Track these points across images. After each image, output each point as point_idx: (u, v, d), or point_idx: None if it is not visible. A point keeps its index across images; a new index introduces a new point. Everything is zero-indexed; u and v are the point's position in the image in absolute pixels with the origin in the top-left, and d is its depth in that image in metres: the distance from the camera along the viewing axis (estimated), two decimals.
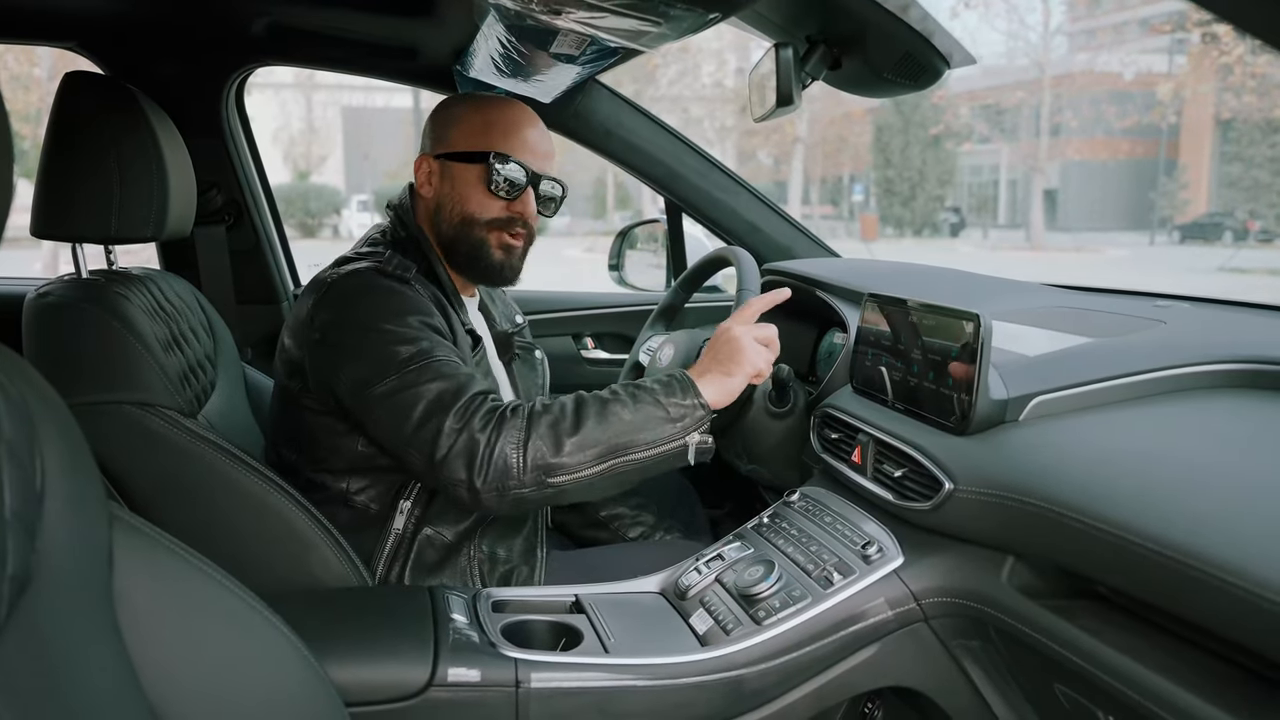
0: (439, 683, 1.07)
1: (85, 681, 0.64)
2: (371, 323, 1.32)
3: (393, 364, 1.29)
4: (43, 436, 0.65)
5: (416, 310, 1.36)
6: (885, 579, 1.17)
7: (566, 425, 1.27)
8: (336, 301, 1.37)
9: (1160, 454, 1.01)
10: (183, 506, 1.32)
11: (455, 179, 1.48)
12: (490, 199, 1.48)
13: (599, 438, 1.27)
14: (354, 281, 1.38)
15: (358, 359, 1.32)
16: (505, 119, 1.49)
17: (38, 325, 1.32)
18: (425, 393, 1.28)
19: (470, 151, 1.47)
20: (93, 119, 1.34)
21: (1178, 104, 25.09)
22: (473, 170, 1.47)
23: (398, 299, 1.36)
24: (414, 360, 1.30)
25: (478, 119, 1.49)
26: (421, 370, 1.29)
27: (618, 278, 2.47)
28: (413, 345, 1.31)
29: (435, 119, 1.54)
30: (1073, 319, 1.43)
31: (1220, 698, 0.81)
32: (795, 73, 1.36)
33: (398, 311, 1.34)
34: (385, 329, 1.32)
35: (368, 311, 1.34)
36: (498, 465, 1.24)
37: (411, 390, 1.28)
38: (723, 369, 1.36)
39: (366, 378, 1.31)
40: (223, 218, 2.12)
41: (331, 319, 1.36)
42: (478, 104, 1.53)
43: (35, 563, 0.61)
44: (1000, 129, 28.78)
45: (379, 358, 1.30)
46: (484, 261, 1.50)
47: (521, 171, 1.47)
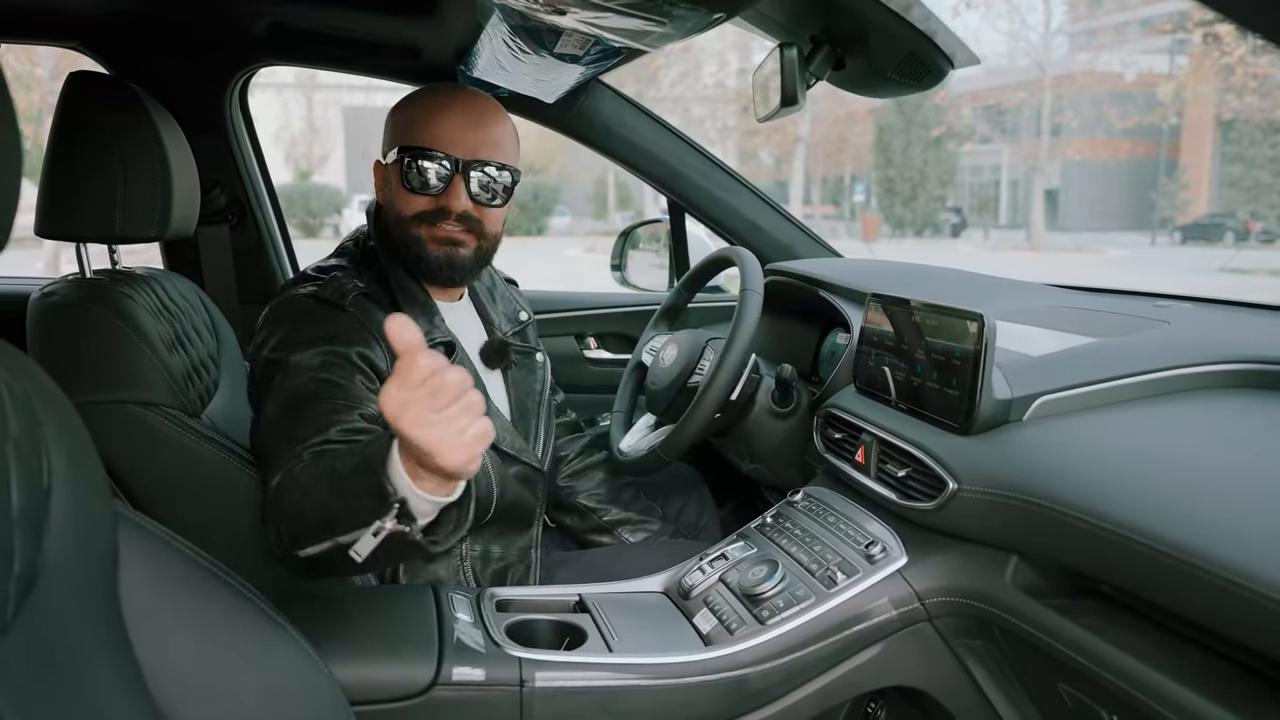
0: (443, 682, 1.07)
1: (91, 679, 0.64)
2: (278, 350, 1.31)
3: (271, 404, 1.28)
4: (49, 435, 0.65)
5: (325, 340, 1.30)
6: (889, 579, 1.17)
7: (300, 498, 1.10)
8: (269, 325, 1.37)
9: (1164, 454, 1.01)
10: (186, 506, 1.32)
11: (389, 181, 1.45)
12: (412, 195, 1.41)
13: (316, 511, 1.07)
14: (283, 309, 1.38)
15: (262, 370, 1.33)
16: (426, 109, 1.43)
17: (42, 324, 1.32)
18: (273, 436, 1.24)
19: (391, 151, 1.43)
20: (97, 118, 1.34)
21: (1179, 104, 25.08)
22: (395, 169, 1.42)
23: (318, 327, 1.32)
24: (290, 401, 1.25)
25: (402, 115, 1.45)
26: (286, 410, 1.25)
27: (620, 278, 2.47)
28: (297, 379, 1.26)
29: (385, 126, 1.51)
30: (1076, 319, 1.43)
31: (1223, 697, 0.81)
32: (799, 73, 1.36)
33: (306, 340, 1.30)
34: (290, 357, 1.29)
35: (281, 338, 1.33)
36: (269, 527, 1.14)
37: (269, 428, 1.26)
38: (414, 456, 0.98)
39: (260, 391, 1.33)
40: (226, 217, 2.12)
41: (258, 343, 1.37)
42: (409, 102, 1.47)
43: (42, 561, 0.61)
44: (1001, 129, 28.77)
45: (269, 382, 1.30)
46: (424, 260, 1.43)
47: (438, 160, 1.39)
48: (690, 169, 2.16)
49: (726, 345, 1.50)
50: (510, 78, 1.75)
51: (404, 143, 1.41)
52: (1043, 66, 25.09)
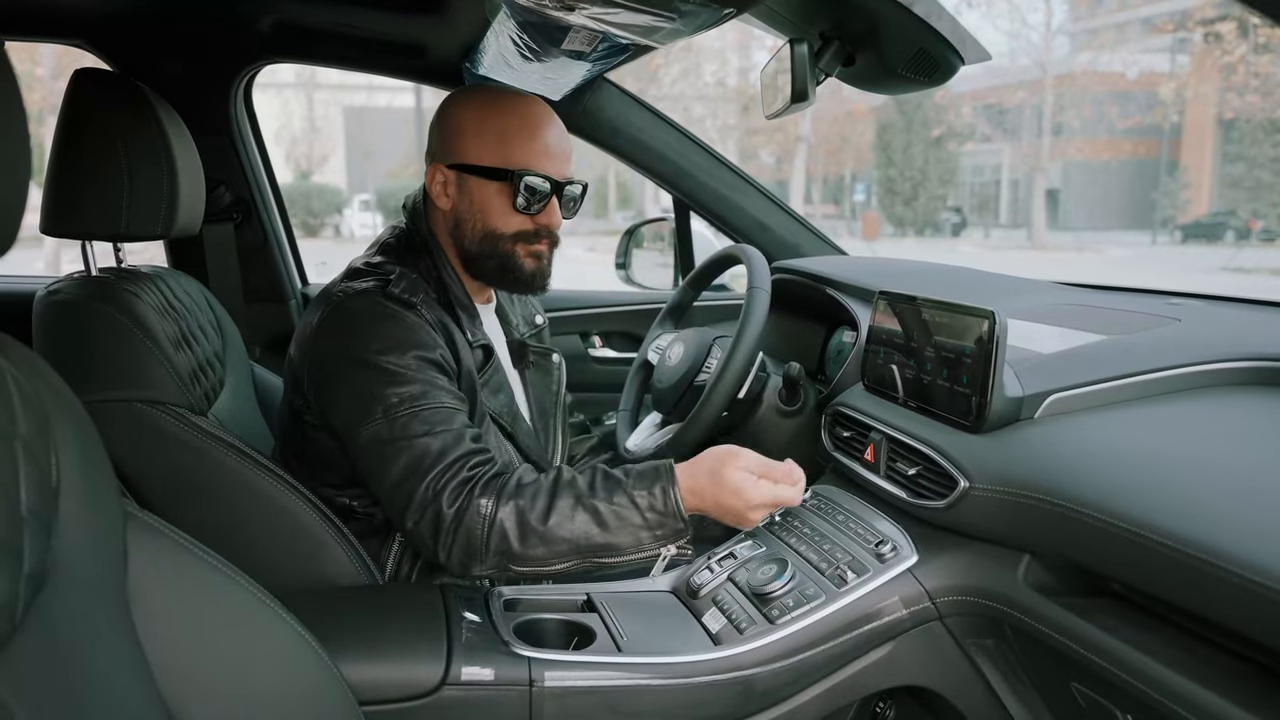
0: (452, 681, 1.07)
1: (101, 679, 0.64)
2: (368, 357, 1.29)
3: (380, 406, 1.27)
4: (58, 434, 0.64)
5: (416, 344, 1.31)
6: (899, 578, 1.16)
7: (535, 516, 1.22)
8: (338, 326, 1.34)
9: (1177, 452, 1.01)
10: (193, 505, 1.32)
11: (474, 194, 1.42)
12: (514, 214, 1.42)
13: (565, 536, 1.23)
14: (357, 305, 1.34)
15: (350, 395, 1.30)
16: (522, 127, 1.41)
17: (48, 323, 1.31)
18: (406, 449, 1.25)
19: (489, 167, 1.40)
20: (102, 116, 1.33)
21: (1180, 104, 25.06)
22: (492, 185, 1.41)
23: (399, 329, 1.31)
24: (403, 406, 1.27)
25: (491, 128, 1.41)
26: (409, 420, 1.26)
27: (625, 276, 2.47)
28: (404, 387, 1.27)
29: (442, 123, 1.46)
30: (1086, 317, 1.43)
31: (1238, 695, 0.80)
32: (810, 69, 1.35)
33: (397, 344, 1.30)
34: (380, 365, 1.28)
35: (366, 342, 1.30)
36: (461, 544, 1.23)
37: (394, 444, 1.26)
38: (718, 505, 1.27)
39: (355, 416, 1.29)
40: (231, 216, 2.11)
41: (331, 346, 1.33)
42: (487, 108, 1.43)
43: (51, 560, 0.60)
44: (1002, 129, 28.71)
45: (369, 397, 1.28)
46: (515, 273, 1.46)
47: (545, 183, 1.41)
48: (696, 167, 2.15)
49: (733, 343, 1.50)
50: (516, 75, 1.74)
51: (506, 162, 1.40)
52: (1044, 66, 25.07)
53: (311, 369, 1.36)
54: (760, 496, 1.25)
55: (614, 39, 1.39)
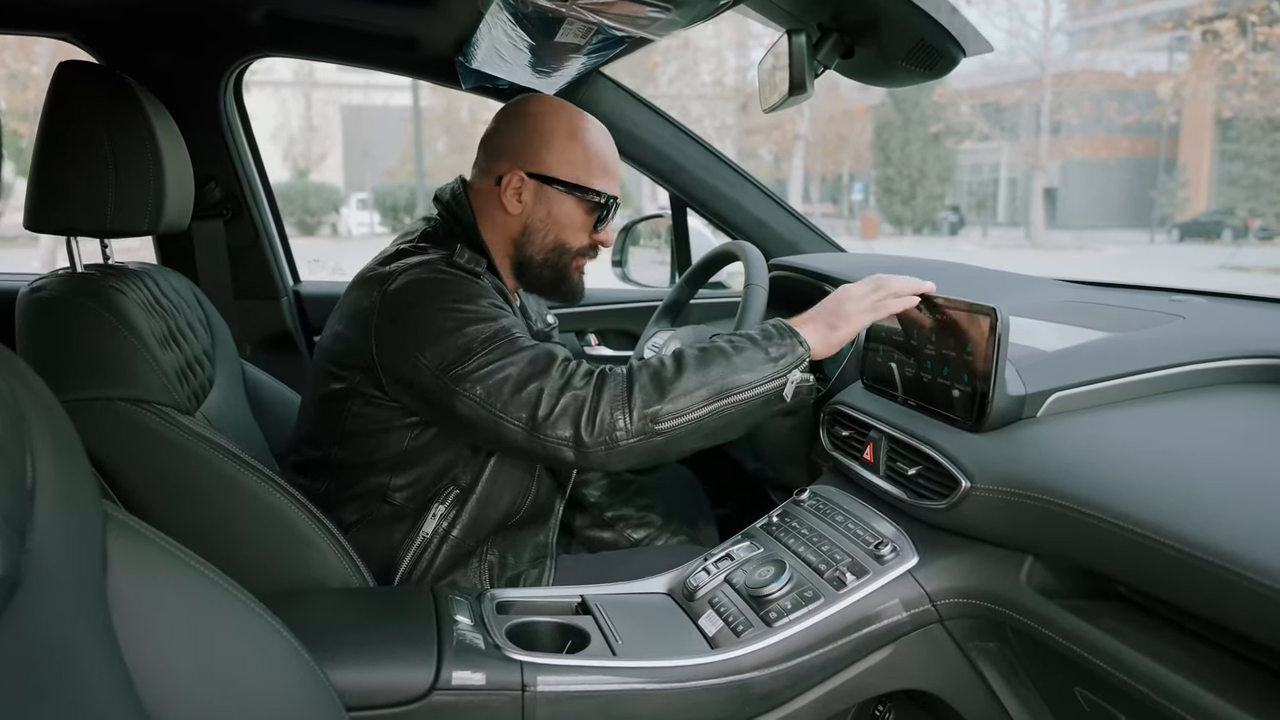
0: (443, 686, 1.05)
1: (78, 685, 0.62)
2: (449, 306, 1.30)
3: (476, 342, 1.27)
4: (34, 433, 0.63)
5: (490, 297, 1.34)
6: (899, 579, 1.14)
7: (669, 374, 1.26)
8: (408, 293, 1.33)
9: (1181, 450, 0.99)
10: (179, 505, 1.30)
11: (553, 205, 1.46)
12: (584, 232, 1.49)
13: (702, 380, 1.26)
14: (424, 273, 1.34)
15: (439, 341, 1.28)
16: (605, 151, 1.48)
17: (31, 320, 1.29)
18: (517, 361, 1.27)
19: (577, 185, 1.45)
20: (87, 109, 1.31)
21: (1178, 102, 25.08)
22: (573, 202, 1.46)
23: (471, 286, 1.33)
24: (498, 338, 1.28)
25: (579, 148, 1.46)
26: (508, 345, 1.28)
27: (621, 274, 2.45)
28: (493, 324, 1.29)
29: (518, 126, 1.47)
30: (1089, 314, 1.41)
31: (1245, 699, 0.79)
32: (808, 60, 1.33)
33: (473, 295, 1.32)
34: (464, 309, 1.29)
35: (442, 297, 1.31)
36: (604, 418, 1.24)
37: (501, 362, 1.26)
38: (827, 321, 1.34)
39: (451, 359, 1.27)
40: (221, 211, 2.10)
41: (407, 304, 1.32)
42: (576, 124, 1.47)
43: (26, 563, 0.59)
44: (1001, 127, 28.75)
45: (461, 338, 1.28)
46: (566, 285, 1.52)
47: (614, 208, 1.50)
48: (694, 163, 2.14)
49: None
50: (510, 69, 1.73)
51: (600, 187, 1.47)
52: (1042, 64, 25.11)
53: (383, 335, 1.33)
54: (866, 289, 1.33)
55: (608, 31, 1.38)
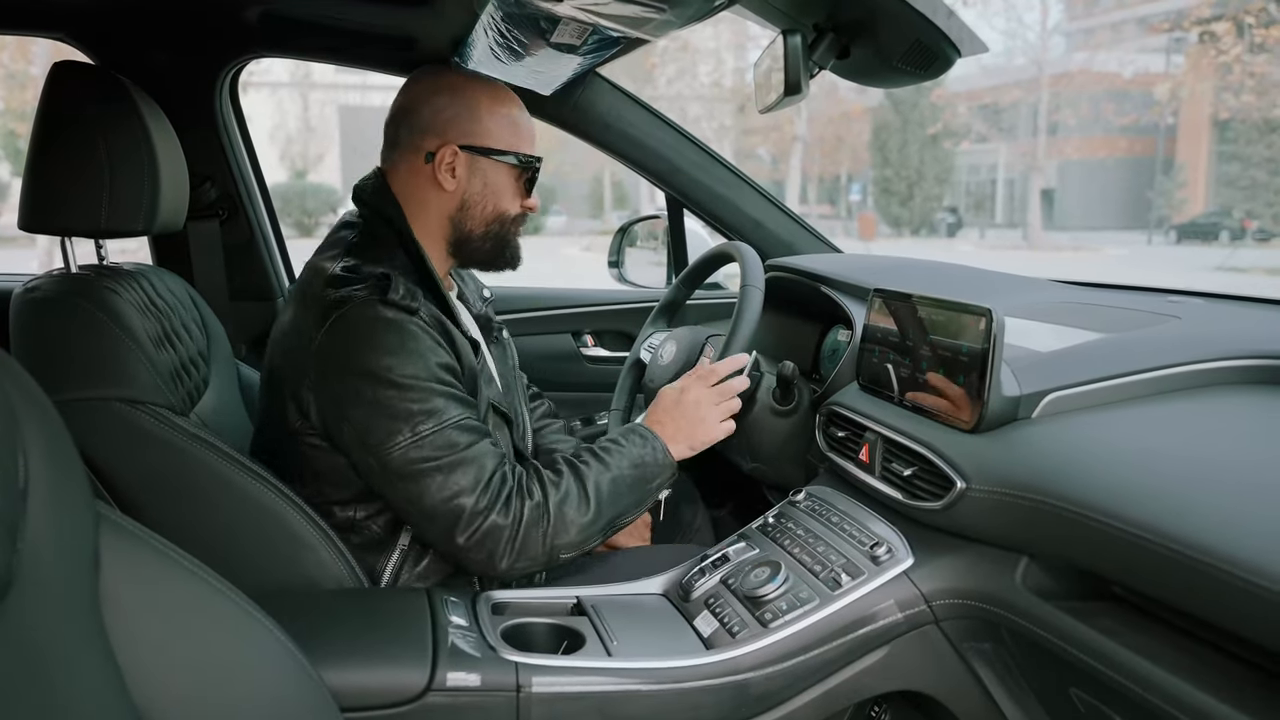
0: (437, 687, 1.05)
1: (70, 686, 0.62)
2: (382, 374, 1.25)
3: (406, 425, 1.25)
4: (26, 433, 0.62)
5: (426, 354, 1.28)
6: (895, 580, 1.14)
7: (581, 513, 1.31)
8: (341, 341, 1.28)
9: (1177, 451, 0.99)
10: (173, 506, 1.29)
11: (488, 175, 1.44)
12: (517, 198, 1.48)
13: (602, 516, 1.33)
14: (357, 316, 1.28)
15: (370, 415, 1.26)
16: (524, 114, 1.48)
17: (25, 320, 1.29)
18: (442, 469, 1.25)
19: (510, 151, 1.44)
20: (82, 110, 1.31)
21: (1175, 103, 25.11)
22: (506, 170, 1.45)
23: (408, 340, 1.28)
24: (429, 423, 1.25)
25: (504, 112, 1.44)
26: (437, 438, 1.25)
27: (618, 275, 2.45)
28: (427, 403, 1.26)
29: (443, 102, 1.42)
30: (1085, 315, 1.41)
31: (1240, 700, 0.79)
32: (803, 61, 1.33)
33: (409, 356, 1.27)
34: (397, 382, 1.25)
35: (376, 357, 1.26)
36: (519, 552, 1.28)
37: (427, 466, 1.25)
38: (688, 438, 1.43)
39: (378, 438, 1.26)
40: (216, 212, 2.09)
41: (337, 364, 1.28)
42: (497, 92, 1.46)
43: (17, 564, 0.59)
44: (998, 128, 28.79)
45: (391, 417, 1.25)
46: (508, 252, 1.51)
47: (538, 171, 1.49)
48: (690, 164, 2.13)
49: (727, 342, 1.48)
50: (506, 69, 1.72)
51: (519, 148, 1.45)
52: (1040, 65, 25.13)
53: (316, 389, 1.31)
54: (713, 400, 1.44)
55: (604, 31, 1.37)
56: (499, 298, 2.32)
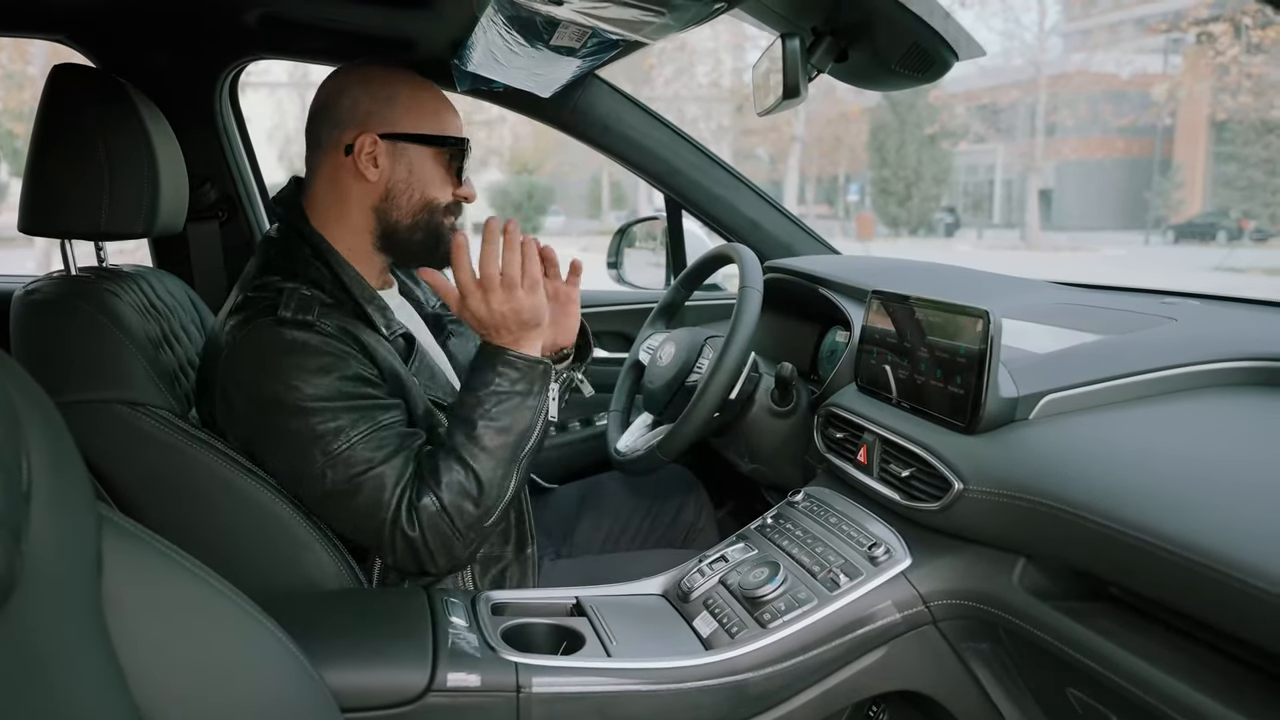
0: (438, 688, 1.05)
1: (72, 687, 0.62)
2: (285, 399, 1.25)
3: (318, 450, 1.25)
4: (29, 436, 0.63)
5: (328, 368, 1.26)
6: (893, 581, 1.15)
7: (469, 482, 1.27)
8: (241, 370, 1.29)
9: (1173, 453, 1.00)
10: (173, 507, 1.30)
11: (413, 162, 1.40)
12: (447, 185, 1.44)
13: (495, 476, 1.28)
14: (253, 340, 1.27)
15: (283, 446, 1.27)
16: (444, 101, 1.46)
17: (25, 323, 1.29)
18: (355, 491, 1.25)
19: (433, 135, 1.41)
20: (82, 112, 1.31)
21: (1173, 104, 25.13)
22: (430, 153, 1.41)
23: (305, 356, 1.26)
24: (339, 443, 1.25)
25: (426, 98, 1.43)
26: (350, 456, 1.25)
27: (616, 276, 2.45)
28: (334, 421, 1.25)
29: (359, 93, 1.40)
30: (1082, 316, 1.42)
31: (1238, 701, 0.79)
32: (802, 64, 1.33)
33: (309, 374, 1.25)
34: (301, 405, 1.24)
35: (277, 381, 1.25)
36: (439, 548, 1.27)
37: (343, 490, 1.26)
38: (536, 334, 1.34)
39: (296, 466, 1.27)
40: (216, 214, 2.09)
41: (243, 395, 1.29)
42: (417, 81, 1.44)
43: (20, 565, 0.59)
44: (996, 128, 28.77)
45: (304, 442, 1.25)
46: (442, 246, 1.43)
47: (467, 153, 1.45)
48: (688, 165, 2.14)
49: (725, 343, 1.48)
50: (505, 71, 1.72)
51: (438, 130, 1.42)
52: (1037, 66, 25.13)
53: (231, 422, 1.32)
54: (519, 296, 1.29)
55: (603, 34, 1.38)
56: None
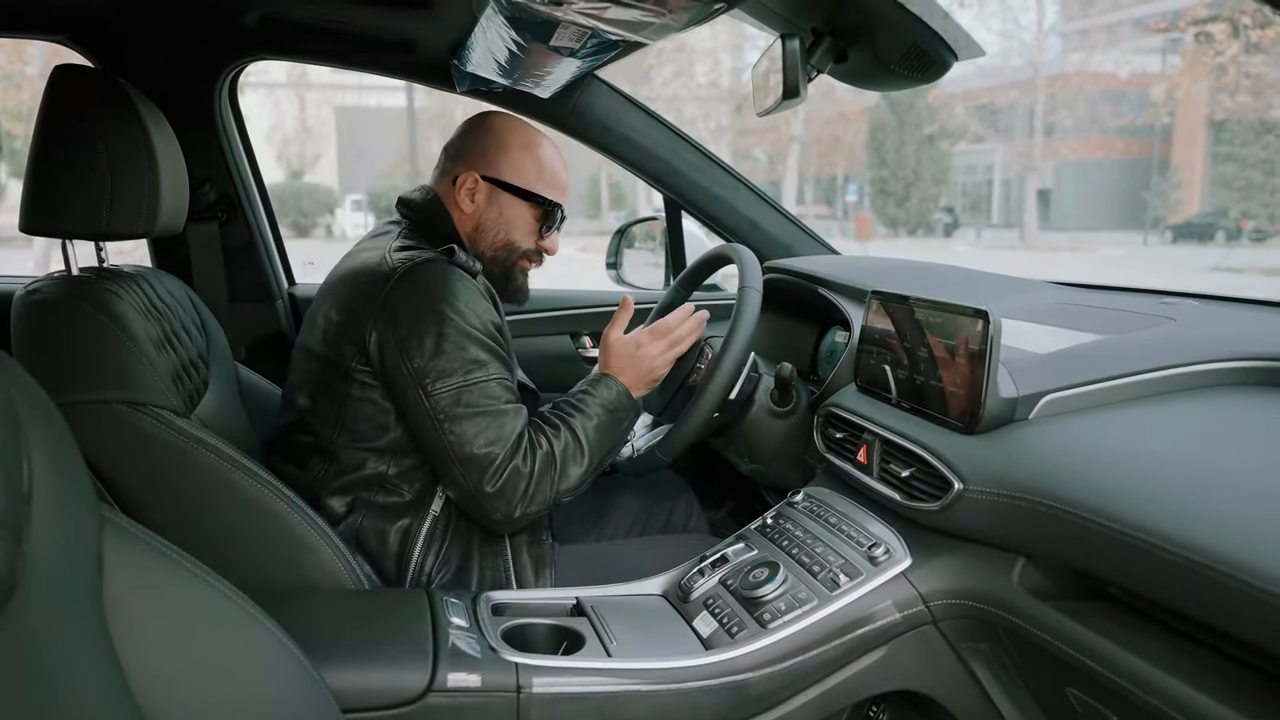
0: (438, 688, 1.05)
1: (73, 688, 0.62)
2: (451, 313, 1.37)
3: (460, 369, 1.36)
4: (30, 437, 0.63)
5: (485, 310, 1.42)
6: (893, 581, 1.15)
7: (574, 457, 1.42)
8: (416, 285, 1.39)
9: (1173, 453, 1.00)
10: (175, 507, 1.30)
11: (504, 207, 1.57)
12: (531, 235, 1.60)
13: (594, 458, 1.44)
14: (430, 270, 1.41)
15: (433, 352, 1.36)
16: (555, 167, 1.60)
17: (26, 323, 1.29)
18: (484, 416, 1.36)
19: (529, 191, 1.57)
20: (82, 113, 1.31)
21: (1171, 104, 25.13)
22: (524, 207, 1.58)
23: (473, 298, 1.41)
24: (481, 372, 1.37)
25: (531, 159, 1.57)
26: (486, 388, 1.37)
27: (616, 276, 2.45)
28: (482, 353, 1.38)
29: (483, 136, 1.58)
30: (1081, 316, 1.42)
31: (1237, 700, 0.80)
32: (801, 64, 1.33)
33: (475, 312, 1.39)
34: (463, 326, 1.37)
35: (449, 299, 1.38)
36: (533, 500, 1.37)
37: (473, 410, 1.36)
38: (645, 383, 1.55)
39: (438, 367, 1.36)
40: (216, 214, 2.09)
41: (410, 300, 1.38)
42: (531, 137, 1.60)
43: (22, 566, 0.59)
44: (995, 129, 28.76)
45: (453, 353, 1.36)
46: (512, 284, 1.63)
47: (561, 216, 1.62)
48: (688, 166, 2.14)
49: (725, 344, 1.48)
50: (505, 72, 1.72)
51: (550, 195, 1.59)
52: (1036, 66, 25.13)
53: (381, 329, 1.39)
54: (664, 353, 1.55)
55: (603, 35, 1.38)
56: None
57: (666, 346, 1.55)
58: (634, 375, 1.54)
